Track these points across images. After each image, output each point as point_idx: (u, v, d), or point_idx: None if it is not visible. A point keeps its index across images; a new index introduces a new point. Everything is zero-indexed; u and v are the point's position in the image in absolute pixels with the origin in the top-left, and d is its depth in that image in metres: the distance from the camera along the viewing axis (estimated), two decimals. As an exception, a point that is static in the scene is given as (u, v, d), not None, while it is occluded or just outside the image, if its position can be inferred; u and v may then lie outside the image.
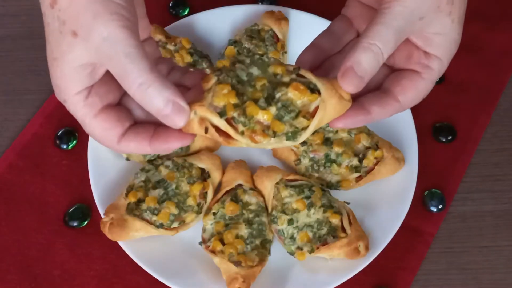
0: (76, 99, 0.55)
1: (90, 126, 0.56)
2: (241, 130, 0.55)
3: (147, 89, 0.52)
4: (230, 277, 0.72)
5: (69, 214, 0.80)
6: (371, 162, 0.77)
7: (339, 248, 0.72)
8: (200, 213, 0.76)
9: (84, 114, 0.56)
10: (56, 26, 0.53)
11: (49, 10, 0.54)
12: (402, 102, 0.60)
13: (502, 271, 0.79)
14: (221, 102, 0.55)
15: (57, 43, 0.54)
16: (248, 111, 0.55)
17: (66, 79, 0.54)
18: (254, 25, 0.86)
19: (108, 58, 0.52)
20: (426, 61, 0.60)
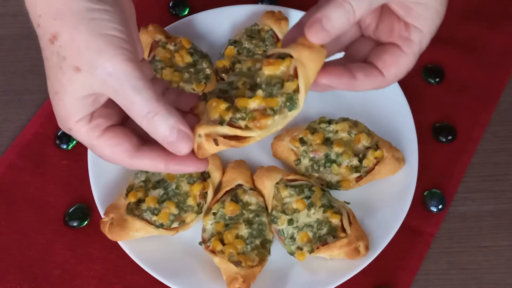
0: (79, 125, 0.55)
1: (97, 147, 0.56)
2: (244, 125, 0.56)
3: (153, 117, 0.53)
4: (230, 277, 0.72)
5: (69, 214, 0.80)
6: (371, 162, 0.77)
7: (339, 248, 0.72)
8: (200, 213, 0.76)
9: (89, 137, 0.55)
10: (55, 61, 0.54)
11: (48, 45, 0.54)
12: (386, 76, 0.60)
13: (502, 271, 0.79)
14: (216, 114, 0.57)
15: (57, 78, 0.54)
16: (239, 104, 0.57)
17: (68, 110, 0.54)
18: (254, 25, 0.86)
19: (114, 92, 0.53)
20: (406, 33, 0.60)
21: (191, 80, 0.82)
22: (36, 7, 0.54)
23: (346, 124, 0.79)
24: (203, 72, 0.83)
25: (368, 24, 0.63)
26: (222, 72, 0.83)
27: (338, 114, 0.82)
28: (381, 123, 0.82)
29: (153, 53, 0.83)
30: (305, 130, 0.79)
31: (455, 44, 0.91)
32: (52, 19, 0.53)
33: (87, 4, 0.53)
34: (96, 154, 0.57)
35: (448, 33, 0.92)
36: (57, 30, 0.53)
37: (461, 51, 0.91)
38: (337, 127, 0.79)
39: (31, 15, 0.56)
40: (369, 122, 0.81)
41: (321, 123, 0.79)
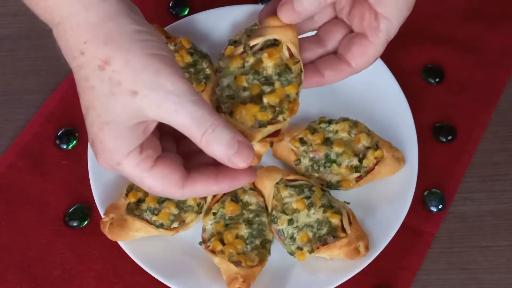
0: (130, 158, 0.53)
1: (149, 179, 0.54)
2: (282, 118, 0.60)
3: (213, 131, 0.52)
4: (230, 277, 0.72)
5: (69, 214, 0.80)
6: (371, 162, 0.77)
7: (339, 248, 0.72)
8: (200, 213, 0.76)
9: (141, 170, 0.54)
10: (107, 88, 0.51)
11: (97, 72, 0.51)
12: (354, 66, 0.64)
13: (502, 271, 0.79)
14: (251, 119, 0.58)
15: (108, 107, 0.52)
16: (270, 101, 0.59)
17: (119, 141, 0.53)
18: (254, 25, 0.86)
19: (173, 111, 0.52)
20: (375, 23, 0.62)
21: (191, 80, 0.82)
22: (78, 34, 0.52)
23: (346, 124, 0.79)
24: (203, 72, 0.83)
25: (342, 7, 0.65)
26: (222, 72, 0.83)
27: (338, 114, 0.82)
28: (381, 123, 0.82)
29: (153, 53, 0.83)
30: (305, 130, 0.79)
31: (455, 44, 0.91)
32: (102, 45, 0.51)
33: (135, 27, 0.52)
34: (145, 188, 0.55)
35: (448, 33, 0.92)
36: (108, 55, 0.51)
37: (461, 51, 0.91)
38: (337, 127, 0.79)
39: (69, 45, 0.53)
40: (369, 122, 0.81)
41: (321, 123, 0.79)
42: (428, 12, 0.94)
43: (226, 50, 0.84)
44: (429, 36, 0.92)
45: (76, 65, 0.53)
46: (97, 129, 0.53)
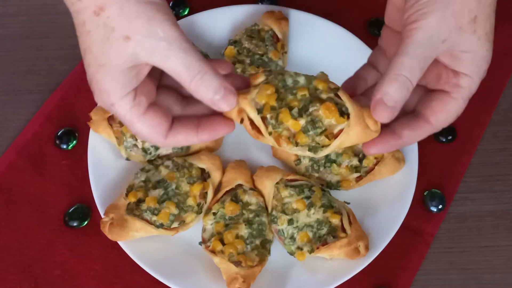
0: (124, 101, 0.57)
1: (138, 125, 0.58)
2: (269, 131, 0.60)
3: (202, 77, 0.56)
4: (230, 277, 0.72)
5: (69, 214, 0.80)
6: (371, 162, 0.77)
7: (339, 248, 0.72)
8: (200, 213, 0.76)
9: (133, 114, 0.57)
10: (102, 33, 0.55)
11: (92, 18, 0.54)
12: (434, 123, 0.61)
13: (502, 271, 0.79)
14: (263, 100, 0.60)
15: (103, 50, 0.55)
16: (281, 117, 0.60)
17: (114, 83, 0.56)
18: (254, 25, 0.86)
19: (164, 57, 0.55)
20: (455, 80, 0.60)
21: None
22: None
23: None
24: (203, 72, 0.83)
25: None
26: (222, 72, 0.83)
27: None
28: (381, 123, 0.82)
29: (153, 53, 0.83)
30: (305, 130, 0.79)
31: (455, 44, 0.91)
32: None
33: None
34: (132, 131, 0.59)
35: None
36: (103, 1, 0.54)
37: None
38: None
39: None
40: (369, 122, 0.81)
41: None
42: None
43: (226, 50, 0.85)
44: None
45: (74, 10, 0.56)
46: (93, 71, 0.56)
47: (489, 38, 0.60)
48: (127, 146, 0.78)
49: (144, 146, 0.78)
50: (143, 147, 0.78)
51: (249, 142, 0.83)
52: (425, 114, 0.61)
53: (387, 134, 0.62)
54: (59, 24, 0.93)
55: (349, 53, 0.86)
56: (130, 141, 0.78)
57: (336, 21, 0.88)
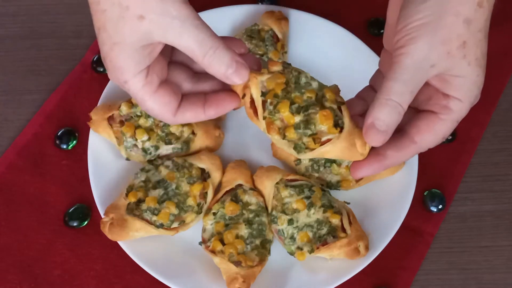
0: (137, 79, 0.58)
1: (149, 102, 0.60)
2: (264, 115, 0.62)
3: (214, 52, 0.58)
4: (230, 277, 0.72)
5: (69, 214, 0.80)
6: (371, 162, 0.77)
7: (339, 248, 0.72)
8: (200, 213, 0.76)
9: (145, 92, 0.59)
10: (117, 12, 0.56)
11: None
12: (419, 143, 0.61)
13: (502, 271, 0.79)
14: (271, 86, 0.62)
15: (117, 29, 0.56)
16: (280, 106, 0.62)
17: (128, 61, 0.58)
18: (254, 25, 0.86)
19: (178, 34, 0.57)
20: (445, 102, 0.60)
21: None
22: None
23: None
24: (203, 72, 0.83)
25: None
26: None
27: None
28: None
29: (153, 53, 0.83)
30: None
31: (455, 44, 0.91)
32: None
33: None
34: (143, 108, 0.61)
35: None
36: None
37: (461, 51, 0.91)
38: None
39: None
40: (369, 122, 0.81)
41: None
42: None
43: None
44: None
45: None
46: (108, 49, 0.58)
47: (480, 63, 0.59)
48: (127, 146, 0.78)
49: (144, 146, 0.78)
50: (143, 147, 0.78)
51: (249, 142, 0.83)
52: (411, 133, 0.61)
53: (371, 156, 0.62)
54: (59, 24, 0.94)
55: (349, 53, 0.86)
56: (130, 141, 0.78)
57: (336, 21, 0.88)
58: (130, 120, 0.78)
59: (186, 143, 0.79)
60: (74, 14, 0.94)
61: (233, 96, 0.63)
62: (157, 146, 0.78)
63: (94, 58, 0.89)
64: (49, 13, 0.95)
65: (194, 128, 0.80)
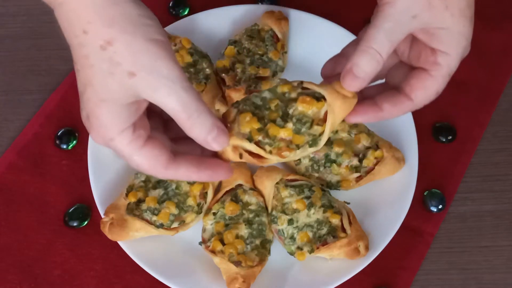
0: (123, 136, 0.56)
1: (139, 157, 0.57)
2: (268, 150, 0.61)
3: (198, 117, 0.56)
4: (230, 277, 0.72)
5: (69, 214, 0.80)
6: (371, 162, 0.77)
7: (339, 248, 0.72)
8: (200, 213, 0.76)
9: (132, 148, 0.57)
10: (106, 68, 0.54)
11: (98, 52, 0.54)
12: (414, 100, 0.63)
13: (502, 271, 0.79)
14: (247, 128, 0.61)
15: (105, 85, 0.54)
16: (270, 132, 0.61)
17: (115, 118, 0.56)
18: (254, 25, 0.86)
19: (167, 94, 0.55)
20: (433, 58, 0.61)
21: (191, 80, 0.82)
22: (82, 14, 0.55)
23: (346, 124, 0.79)
24: (203, 72, 0.83)
25: (402, 51, 0.65)
26: (222, 72, 0.83)
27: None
28: (381, 123, 0.82)
29: (153, 53, 0.83)
30: (305, 130, 0.79)
31: (455, 44, 0.91)
32: (106, 26, 0.54)
33: (138, 11, 0.55)
34: (133, 165, 0.58)
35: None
36: (111, 36, 0.53)
37: (461, 51, 0.91)
38: (337, 127, 0.79)
39: (72, 23, 0.56)
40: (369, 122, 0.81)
41: (321, 123, 0.79)
42: (428, 12, 0.93)
43: (226, 50, 0.85)
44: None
45: (77, 43, 0.55)
46: (93, 105, 0.55)
47: (465, 14, 0.60)
48: (127, 146, 0.78)
49: (144, 146, 0.78)
50: (143, 147, 0.78)
51: (249, 142, 0.83)
52: (405, 91, 0.63)
53: (368, 104, 0.63)
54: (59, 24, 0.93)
55: (349, 53, 0.86)
56: (130, 141, 0.78)
57: (336, 21, 0.88)
58: (130, 120, 0.78)
59: (186, 143, 0.79)
60: (74, 14, 0.94)
61: (226, 167, 0.61)
62: (157, 146, 0.78)
63: (94, 58, 0.89)
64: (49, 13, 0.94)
65: (194, 128, 0.79)
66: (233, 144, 0.61)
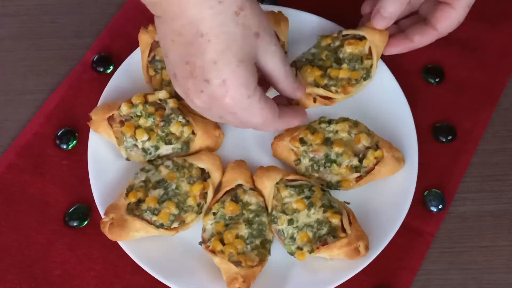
0: (257, 92, 0.65)
1: (267, 110, 0.67)
2: (334, 90, 0.79)
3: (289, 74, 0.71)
4: (230, 277, 0.72)
5: (69, 214, 0.80)
6: (371, 162, 0.77)
7: (339, 248, 0.72)
8: (200, 213, 0.76)
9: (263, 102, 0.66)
10: (240, 31, 0.62)
11: (233, 17, 0.61)
12: (439, 29, 0.78)
13: (502, 271, 0.79)
14: (312, 77, 0.79)
15: (242, 47, 0.62)
16: (332, 74, 0.79)
17: (251, 75, 0.64)
18: (254, 25, 0.86)
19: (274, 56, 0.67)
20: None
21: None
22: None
23: (346, 124, 0.79)
24: (203, 72, 0.83)
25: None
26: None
27: (338, 114, 0.82)
28: (381, 123, 0.82)
29: (153, 53, 0.83)
30: (305, 130, 0.79)
31: (455, 44, 0.91)
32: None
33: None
34: (260, 119, 0.68)
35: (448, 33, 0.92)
36: (242, 3, 0.62)
37: (461, 51, 0.91)
38: (337, 127, 0.79)
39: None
40: (369, 122, 0.81)
41: (321, 123, 0.79)
42: (428, 12, 0.94)
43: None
44: (429, 36, 0.92)
45: (212, 12, 0.61)
46: (235, 67, 0.62)
47: None
48: (127, 146, 0.78)
49: (144, 146, 0.78)
50: (143, 147, 0.78)
51: (249, 142, 0.83)
52: (432, 22, 0.78)
53: (402, 37, 0.80)
54: (59, 24, 0.94)
55: (349, 53, 0.86)
56: (130, 141, 0.78)
57: (336, 21, 0.88)
58: (130, 120, 0.78)
59: (186, 143, 0.79)
60: (74, 14, 0.94)
61: (305, 110, 0.77)
62: (157, 146, 0.78)
63: (94, 58, 0.90)
64: (49, 13, 0.95)
65: (194, 128, 0.80)
66: (306, 92, 0.77)
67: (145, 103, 0.79)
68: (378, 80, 0.84)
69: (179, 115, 0.79)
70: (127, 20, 0.93)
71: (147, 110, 0.78)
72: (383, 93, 0.84)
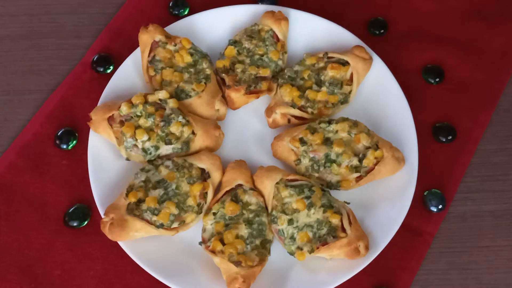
0: None
1: None
2: (310, 112, 0.80)
3: None
4: (230, 277, 0.72)
5: (69, 214, 0.80)
6: (371, 162, 0.77)
7: (339, 248, 0.72)
8: (200, 213, 0.76)
9: None
10: None
11: None
12: None
13: (502, 271, 0.79)
14: (289, 97, 0.80)
15: None
16: (310, 96, 0.80)
17: None
18: (254, 25, 0.86)
19: None
20: None
21: (191, 80, 0.82)
22: None
23: (346, 124, 0.79)
24: (203, 72, 0.83)
25: None
26: (222, 72, 0.83)
27: (338, 114, 0.82)
28: (381, 123, 0.82)
29: (153, 53, 0.83)
30: (305, 130, 0.79)
31: (455, 44, 0.91)
32: None
33: None
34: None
35: (448, 33, 0.92)
36: None
37: (461, 51, 0.91)
38: (337, 127, 0.79)
39: None
40: (369, 122, 0.81)
41: (321, 123, 0.79)
42: (429, 12, 0.94)
43: (226, 50, 0.85)
44: (429, 36, 0.92)
45: None
46: None
47: None
48: (127, 146, 0.78)
49: (144, 146, 0.78)
50: (143, 147, 0.78)
51: (249, 142, 0.83)
52: None
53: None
54: (59, 24, 0.94)
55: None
56: (130, 141, 0.78)
57: (336, 21, 0.88)
58: (130, 120, 0.78)
59: (186, 143, 0.79)
60: (74, 14, 0.94)
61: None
62: (157, 146, 0.78)
63: (94, 58, 0.90)
64: (49, 13, 0.95)
65: (194, 128, 0.80)
66: (280, 112, 0.79)
67: (145, 103, 0.79)
68: (378, 80, 0.84)
69: (179, 115, 0.79)
70: (127, 20, 0.93)
71: (147, 110, 0.78)
72: (383, 93, 0.84)
